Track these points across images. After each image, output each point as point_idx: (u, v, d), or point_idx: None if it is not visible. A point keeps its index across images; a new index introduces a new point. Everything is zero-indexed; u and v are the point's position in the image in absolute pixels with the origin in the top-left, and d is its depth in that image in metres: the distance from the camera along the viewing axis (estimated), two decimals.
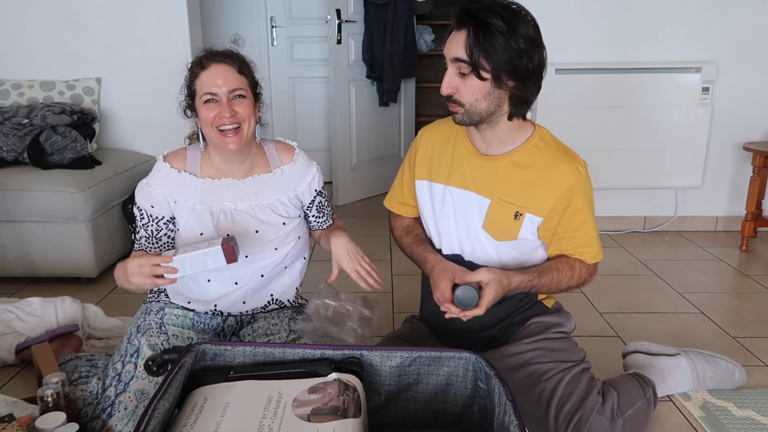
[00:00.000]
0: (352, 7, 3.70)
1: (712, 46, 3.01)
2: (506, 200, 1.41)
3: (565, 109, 3.01)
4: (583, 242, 1.43)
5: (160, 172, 1.50)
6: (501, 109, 1.34)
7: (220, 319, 1.56)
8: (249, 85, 1.45)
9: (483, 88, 1.30)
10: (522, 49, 1.26)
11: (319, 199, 1.63)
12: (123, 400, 1.38)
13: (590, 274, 1.47)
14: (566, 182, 1.37)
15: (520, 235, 1.42)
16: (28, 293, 2.35)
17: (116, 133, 3.08)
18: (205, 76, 1.40)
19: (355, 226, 3.44)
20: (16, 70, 2.96)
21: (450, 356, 1.21)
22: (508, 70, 1.27)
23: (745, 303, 2.36)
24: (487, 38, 1.25)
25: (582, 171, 1.39)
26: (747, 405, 1.64)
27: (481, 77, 1.28)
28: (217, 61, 1.40)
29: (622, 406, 1.39)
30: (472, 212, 1.45)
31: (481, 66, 1.27)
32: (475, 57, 1.26)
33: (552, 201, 1.38)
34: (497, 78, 1.28)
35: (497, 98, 1.32)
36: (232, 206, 1.50)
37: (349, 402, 1.09)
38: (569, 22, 3.01)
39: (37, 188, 2.41)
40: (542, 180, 1.39)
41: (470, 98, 1.31)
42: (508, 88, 1.31)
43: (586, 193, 1.41)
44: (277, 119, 4.43)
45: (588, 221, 1.42)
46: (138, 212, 1.51)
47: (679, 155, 3.06)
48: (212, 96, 1.39)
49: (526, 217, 1.41)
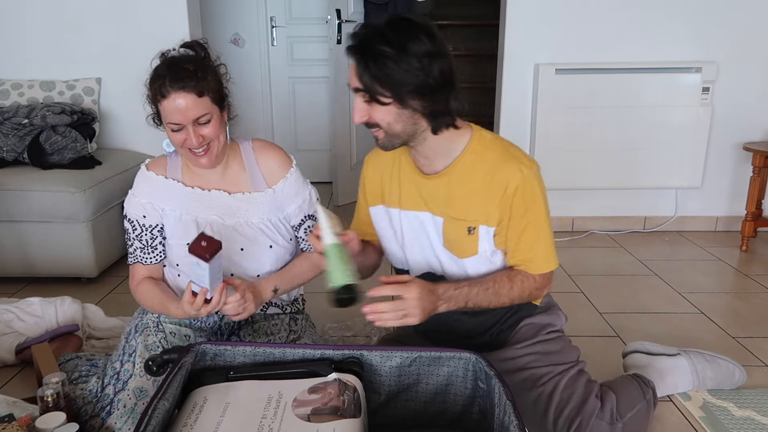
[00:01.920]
0: (352, 7, 3.70)
1: (712, 46, 3.01)
2: (456, 217, 1.35)
3: (565, 109, 3.01)
4: (526, 251, 1.35)
5: (145, 181, 1.50)
6: (419, 126, 1.28)
7: (217, 317, 1.57)
8: (214, 100, 1.38)
9: (390, 111, 1.24)
10: (417, 68, 1.19)
11: (311, 223, 1.58)
12: (122, 398, 1.38)
13: (539, 287, 1.38)
14: (507, 186, 1.30)
15: (479, 249, 1.36)
16: (28, 293, 2.35)
17: (116, 133, 3.08)
18: (167, 104, 1.35)
19: None
20: (16, 70, 2.96)
21: (450, 356, 1.21)
22: (407, 91, 1.21)
23: (745, 303, 2.36)
24: (377, 65, 1.18)
25: (525, 171, 1.30)
26: (747, 405, 1.64)
27: (383, 102, 1.22)
28: (177, 89, 1.33)
29: (622, 409, 1.39)
30: (430, 233, 1.40)
31: (378, 92, 1.21)
32: (368, 85, 1.20)
33: (495, 208, 1.32)
34: (400, 100, 1.22)
35: (410, 118, 1.25)
36: (219, 220, 1.49)
37: (349, 402, 1.09)
38: (569, 22, 3.01)
39: (37, 188, 2.41)
40: (485, 188, 1.32)
41: (383, 122, 1.26)
42: (418, 107, 1.24)
43: (532, 196, 1.31)
44: (277, 119, 4.44)
45: (531, 227, 1.33)
46: (129, 225, 1.50)
47: (679, 155, 3.06)
48: (177, 125, 1.36)
49: (481, 230, 1.34)
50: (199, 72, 1.35)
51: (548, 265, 1.37)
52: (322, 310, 2.21)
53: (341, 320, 2.12)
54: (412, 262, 1.46)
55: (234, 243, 1.49)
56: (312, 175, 1.63)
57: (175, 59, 1.39)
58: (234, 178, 1.52)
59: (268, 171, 1.53)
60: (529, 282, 1.37)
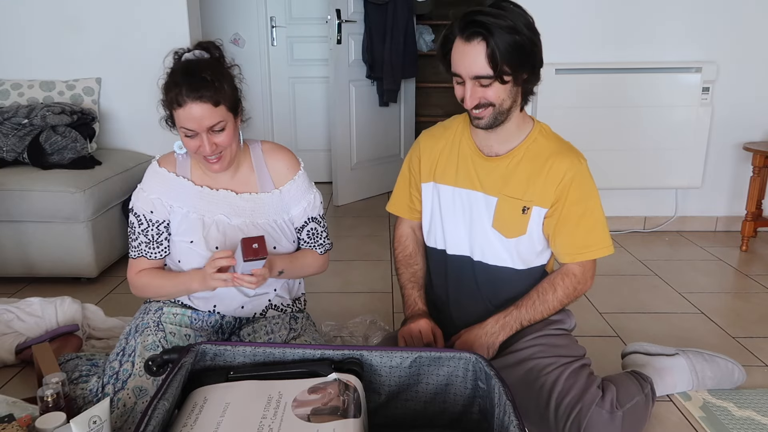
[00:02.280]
0: (352, 7, 3.70)
1: (712, 46, 3.01)
2: (513, 196, 1.45)
3: (565, 109, 3.01)
4: (584, 236, 1.44)
5: (155, 176, 1.50)
6: (516, 103, 1.39)
7: (218, 317, 1.57)
8: (229, 108, 1.39)
9: (506, 89, 1.34)
10: (529, 41, 1.30)
11: (313, 225, 1.60)
12: (121, 397, 1.38)
13: (581, 281, 1.47)
14: (565, 174, 1.41)
15: (528, 229, 1.45)
16: (28, 293, 2.35)
17: (116, 133, 3.08)
18: (182, 112, 1.34)
19: (355, 226, 3.44)
20: (16, 70, 2.96)
21: (450, 356, 1.21)
22: (522, 65, 1.31)
23: (745, 303, 2.36)
24: (503, 43, 1.27)
25: (582, 163, 1.43)
26: (747, 405, 1.64)
27: (504, 81, 1.32)
28: (193, 99, 1.32)
29: (621, 399, 1.40)
30: (480, 212, 1.48)
31: (504, 72, 1.30)
32: (499, 67, 1.29)
33: (552, 191, 1.42)
34: (516, 77, 1.33)
35: (516, 94, 1.37)
36: (226, 220, 1.50)
37: (349, 402, 1.09)
38: (569, 22, 3.01)
39: (37, 188, 2.41)
40: (543, 172, 1.42)
41: (498, 100, 1.34)
42: (522, 82, 1.35)
43: (588, 186, 1.44)
44: (277, 119, 4.43)
45: (588, 215, 1.44)
46: (136, 219, 1.50)
47: (679, 155, 3.06)
48: (191, 131, 1.37)
49: (534, 210, 1.44)
50: (216, 82, 1.35)
51: (606, 249, 1.46)
52: (322, 309, 2.22)
53: (340, 320, 2.12)
54: (452, 239, 1.53)
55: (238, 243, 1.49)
56: (312, 175, 1.64)
57: (191, 64, 1.37)
58: (243, 179, 1.53)
59: (276, 172, 1.55)
60: (570, 280, 1.47)
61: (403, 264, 1.65)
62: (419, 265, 1.64)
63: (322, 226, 1.62)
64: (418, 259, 1.64)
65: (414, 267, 1.64)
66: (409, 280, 1.63)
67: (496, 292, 1.52)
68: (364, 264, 2.79)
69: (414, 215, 1.65)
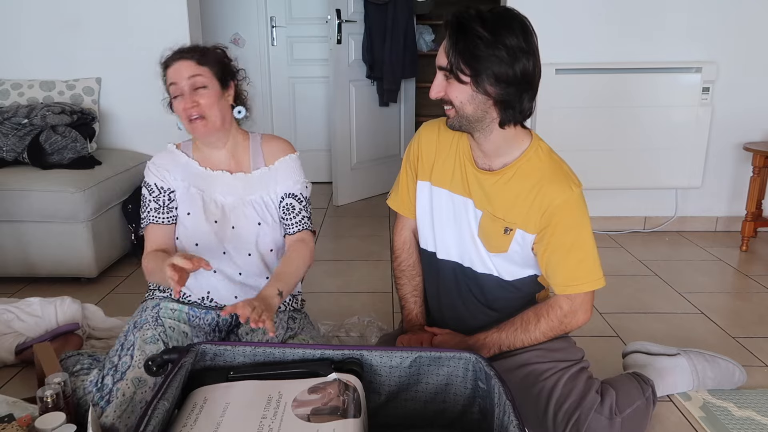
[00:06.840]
0: (352, 7, 3.70)
1: (712, 46, 3.01)
2: (496, 215, 1.41)
3: (565, 109, 3.01)
4: (573, 269, 1.38)
5: (167, 154, 1.62)
6: (489, 115, 1.32)
7: (215, 314, 1.58)
8: (214, 74, 1.51)
9: (465, 91, 1.28)
10: (502, 57, 1.23)
11: (290, 201, 1.61)
12: (120, 387, 1.39)
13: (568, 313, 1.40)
14: (553, 200, 1.34)
15: (510, 249, 1.42)
16: (28, 293, 2.35)
17: (116, 133, 3.08)
18: (169, 72, 1.50)
19: (355, 226, 3.44)
20: (16, 70, 2.96)
21: (450, 356, 1.21)
22: (486, 75, 1.25)
23: (745, 303, 2.36)
24: (466, 42, 1.24)
25: (574, 190, 1.35)
26: (747, 405, 1.64)
27: (461, 80, 1.27)
28: (177, 58, 1.50)
29: (621, 404, 1.39)
30: (469, 220, 1.46)
31: (460, 69, 1.26)
32: (453, 60, 1.26)
33: (537, 218, 1.36)
34: (477, 82, 1.26)
35: (482, 103, 1.29)
36: (222, 198, 1.58)
37: (349, 402, 1.09)
38: (569, 22, 3.01)
39: (37, 188, 2.41)
40: (530, 197, 1.36)
41: (456, 100, 1.31)
42: (492, 93, 1.28)
43: (579, 214, 1.36)
44: (277, 119, 4.43)
45: (577, 246, 1.37)
46: (147, 189, 1.59)
47: (679, 155, 3.06)
48: (177, 90, 1.49)
49: (517, 233, 1.39)
50: (203, 50, 1.52)
51: (596, 283, 1.40)
52: (319, 309, 2.22)
53: (339, 321, 2.12)
54: (441, 243, 1.52)
55: (228, 221, 1.57)
56: (312, 175, 1.65)
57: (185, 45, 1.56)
58: (238, 160, 1.62)
59: (269, 152, 1.63)
60: (555, 313, 1.41)
61: (405, 275, 1.63)
62: (422, 276, 1.63)
63: (302, 205, 1.61)
64: (420, 269, 1.63)
65: (416, 279, 1.62)
66: (412, 294, 1.62)
67: (487, 299, 1.51)
68: (364, 264, 2.79)
69: (413, 213, 1.63)
